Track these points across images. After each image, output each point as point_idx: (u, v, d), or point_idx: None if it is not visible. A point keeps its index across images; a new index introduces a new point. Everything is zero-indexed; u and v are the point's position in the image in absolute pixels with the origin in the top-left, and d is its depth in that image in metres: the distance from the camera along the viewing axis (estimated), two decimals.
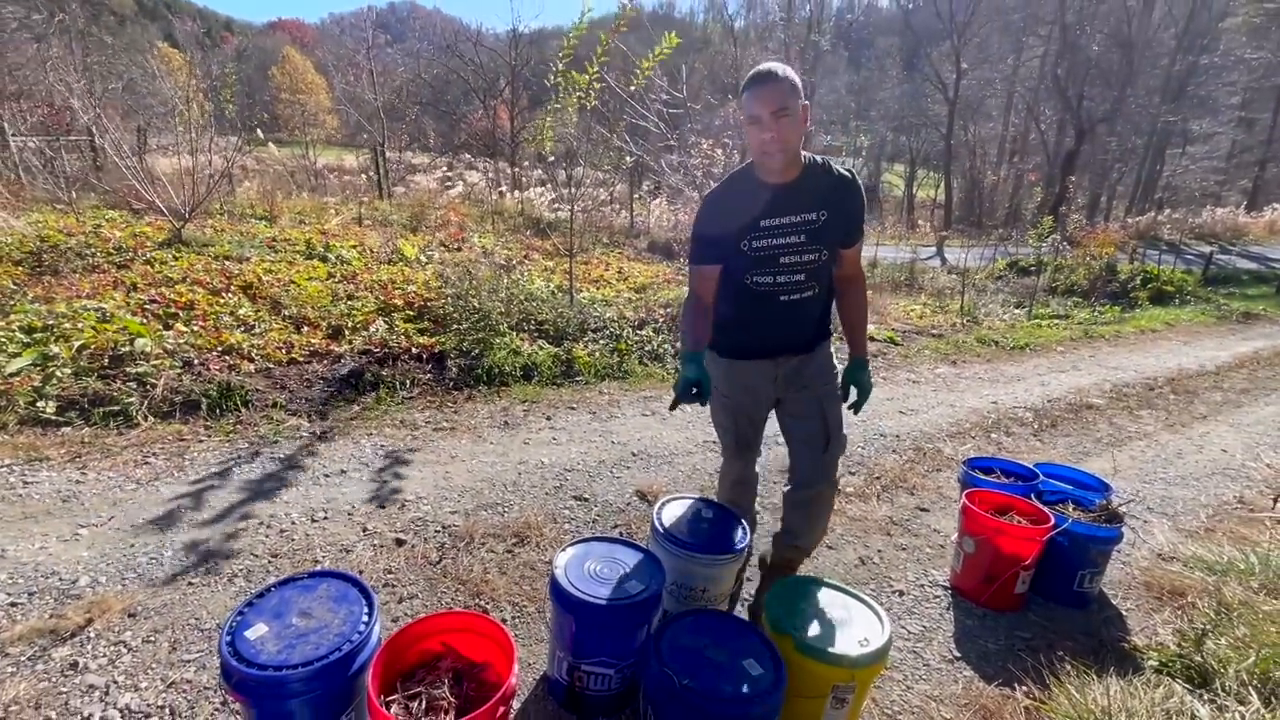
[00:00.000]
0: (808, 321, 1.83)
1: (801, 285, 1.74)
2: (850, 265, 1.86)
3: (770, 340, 1.84)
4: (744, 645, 1.46)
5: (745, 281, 1.75)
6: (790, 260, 1.70)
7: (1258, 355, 6.63)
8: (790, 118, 1.54)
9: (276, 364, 3.98)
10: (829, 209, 1.67)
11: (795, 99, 1.55)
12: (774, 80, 1.54)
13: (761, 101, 1.54)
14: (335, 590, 1.49)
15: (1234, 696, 1.88)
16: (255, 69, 33.95)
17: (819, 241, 1.69)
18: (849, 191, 1.72)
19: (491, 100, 23.04)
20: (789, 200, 1.67)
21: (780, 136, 1.55)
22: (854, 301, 1.92)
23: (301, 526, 2.40)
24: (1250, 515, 3.10)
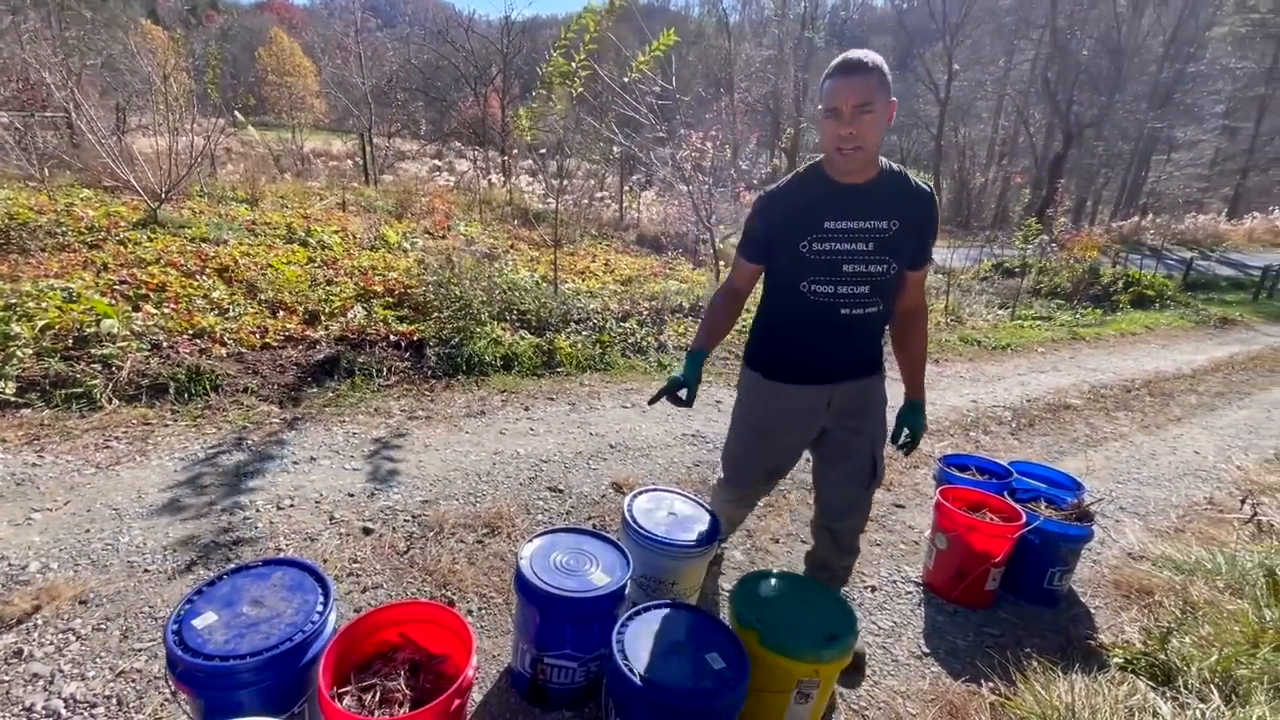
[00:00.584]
0: (869, 342, 1.67)
1: (865, 299, 1.56)
2: (915, 293, 1.70)
3: (827, 360, 1.66)
4: (708, 639, 1.44)
5: (801, 289, 1.56)
6: (854, 270, 1.53)
7: (1233, 360, 6.73)
8: (874, 115, 1.39)
9: (250, 349, 3.90)
10: (901, 220, 1.52)
11: (883, 95, 1.40)
12: (861, 71, 1.38)
13: (844, 93, 1.39)
14: (290, 579, 1.45)
15: (1196, 694, 1.90)
16: (241, 49, 33.27)
17: (887, 253, 1.52)
18: (925, 207, 1.56)
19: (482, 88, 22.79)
20: (860, 203, 1.51)
21: (859, 134, 1.40)
22: (917, 335, 1.75)
23: (266, 514, 2.35)
24: (1219, 516, 3.14)
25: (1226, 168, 24.05)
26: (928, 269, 1.70)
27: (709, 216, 6.62)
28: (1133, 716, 1.80)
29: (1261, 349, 7.41)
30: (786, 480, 3.09)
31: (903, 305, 1.70)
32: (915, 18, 27.00)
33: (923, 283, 1.71)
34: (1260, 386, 5.80)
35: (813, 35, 18.69)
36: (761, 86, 18.90)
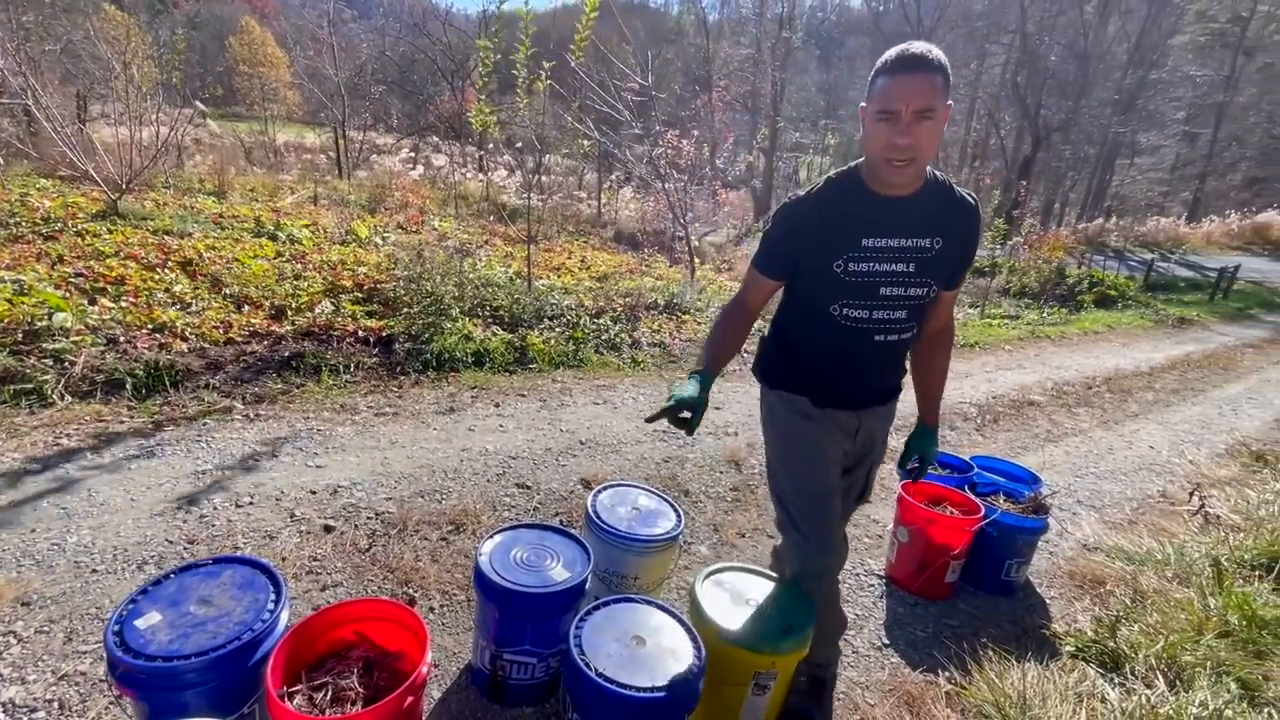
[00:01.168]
0: (897, 368, 1.57)
1: (901, 324, 1.42)
2: (944, 312, 1.56)
3: (855, 388, 1.52)
4: (666, 633, 1.44)
5: (832, 312, 1.40)
6: (892, 293, 1.37)
7: (1188, 358, 6.96)
8: (934, 122, 1.22)
9: (213, 344, 3.81)
10: (945, 238, 1.36)
11: (944, 98, 1.22)
12: (925, 68, 1.19)
13: (903, 94, 1.20)
14: (241, 577, 1.42)
15: (1142, 680, 1.96)
16: (211, 37, 32.38)
17: (929, 274, 1.37)
18: (970, 222, 1.40)
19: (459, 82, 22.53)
20: (903, 219, 1.34)
21: (917, 144, 1.22)
22: (941, 356, 1.63)
23: (224, 512, 2.30)
24: (1171, 509, 3.25)
25: (1186, 173, 24.85)
26: (960, 287, 1.55)
27: (684, 214, 6.63)
28: (1081, 702, 1.86)
29: (1216, 348, 7.67)
30: (754, 474, 3.13)
31: (933, 325, 1.56)
32: (890, 21, 27.38)
33: (954, 301, 1.57)
34: (1214, 384, 6.01)
35: (790, 35, 18.82)
36: (740, 85, 18.98)
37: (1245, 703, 1.88)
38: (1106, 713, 1.82)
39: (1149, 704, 1.84)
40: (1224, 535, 2.86)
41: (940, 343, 1.61)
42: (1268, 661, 2.06)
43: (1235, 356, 7.31)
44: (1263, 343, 8.30)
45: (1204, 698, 1.85)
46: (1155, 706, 1.83)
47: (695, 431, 1.37)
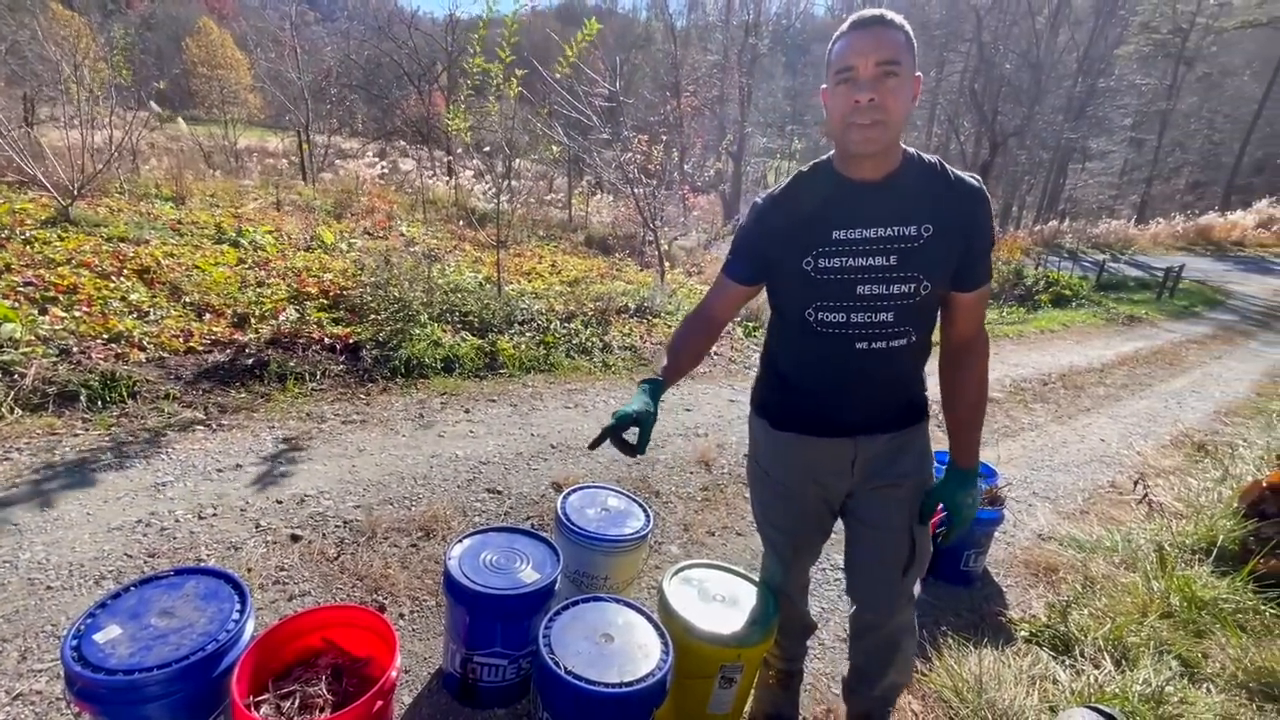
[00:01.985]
0: (898, 383, 1.31)
1: (888, 329, 1.21)
2: (968, 322, 1.29)
3: (843, 408, 1.30)
4: (634, 631, 1.47)
5: (806, 318, 1.24)
6: (871, 291, 1.19)
7: (1137, 354, 7.27)
8: (900, 79, 1.09)
9: (172, 353, 3.72)
10: (936, 225, 1.16)
11: (909, 57, 1.10)
12: (883, 25, 1.10)
13: (861, 49, 1.08)
14: (204, 588, 1.40)
15: (1091, 661, 2.06)
16: (167, 39, 31.49)
17: (916, 268, 1.17)
18: (971, 206, 1.19)
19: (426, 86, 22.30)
20: (877, 205, 1.18)
21: (882, 101, 1.08)
22: (969, 378, 1.32)
23: (186, 524, 2.25)
24: (1119, 498, 3.40)
25: (1134, 177, 26.00)
26: (986, 290, 1.27)
27: (654, 219, 6.69)
28: (1034, 684, 1.94)
29: (1163, 344, 8.03)
30: (724, 474, 3.19)
31: (952, 337, 1.32)
32: None
33: (979, 308, 1.29)
34: (1160, 379, 6.29)
35: (757, 42, 19.12)
36: (708, 91, 19.22)
37: (1185, 679, 1.99)
38: (1057, 693, 1.91)
39: (1096, 683, 1.94)
40: (1167, 522, 3.02)
41: (966, 361, 1.32)
42: (1206, 640, 2.19)
43: (1180, 352, 7.66)
44: (1205, 339, 8.71)
45: (1147, 675, 1.95)
46: (1102, 685, 1.92)
47: (644, 451, 1.22)
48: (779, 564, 1.55)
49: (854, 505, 1.40)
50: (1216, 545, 2.69)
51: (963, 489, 1.33)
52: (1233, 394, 5.90)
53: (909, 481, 1.35)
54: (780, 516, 1.47)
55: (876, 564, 1.39)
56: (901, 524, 1.35)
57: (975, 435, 1.35)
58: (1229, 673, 2.02)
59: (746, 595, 1.63)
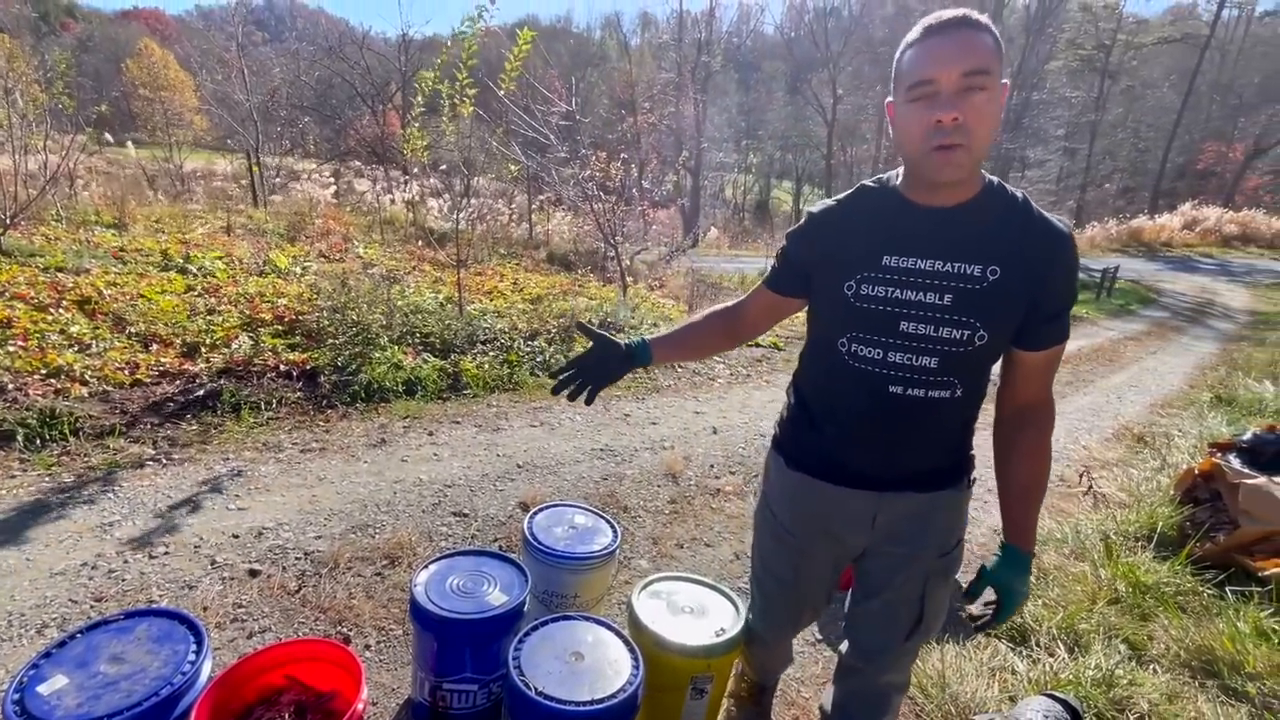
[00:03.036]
0: (934, 439, 1.14)
1: (929, 376, 1.06)
2: (1031, 386, 1.13)
3: (868, 458, 1.15)
4: (604, 647, 1.48)
5: (840, 348, 1.11)
6: (916, 330, 1.04)
7: (1079, 352, 7.62)
8: (989, 93, 0.92)
9: (117, 386, 3.57)
10: (1005, 267, 1.00)
11: (999, 65, 0.94)
12: (969, 27, 0.92)
13: (943, 56, 0.92)
14: (157, 630, 1.36)
15: (1046, 650, 2.14)
16: (105, 60, 30.46)
17: (975, 313, 1.01)
18: (1056, 254, 1.02)
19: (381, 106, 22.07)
20: (941, 234, 1.03)
21: (968, 121, 0.92)
22: (1027, 451, 1.14)
23: (136, 565, 2.16)
24: (1067, 491, 3.55)
25: (1069, 184, 27.45)
26: (1056, 352, 1.10)
27: (614, 234, 6.75)
28: (994, 676, 2.02)
29: (1103, 342, 8.44)
30: (690, 484, 3.22)
31: (1010, 400, 1.15)
32: (802, 46, 28.95)
33: (1046, 373, 1.12)
34: (1101, 375, 6.61)
35: (709, 59, 19.57)
36: (664, 107, 19.55)
37: (1133, 662, 2.09)
38: (1016, 683, 1.99)
39: (1052, 671, 2.02)
40: (1112, 512, 3.17)
41: (1023, 430, 1.14)
42: (1151, 622, 2.30)
43: (1119, 349, 8.07)
44: (1141, 335, 9.19)
45: (1098, 660, 2.04)
46: (1057, 673, 2.01)
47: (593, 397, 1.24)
48: (764, 617, 1.44)
49: (866, 564, 1.26)
50: (1157, 532, 2.85)
51: (1019, 575, 1.14)
52: (1168, 387, 6.23)
53: (927, 549, 1.19)
54: (780, 566, 1.34)
55: (877, 627, 1.27)
56: (913, 593, 1.21)
57: (1033, 514, 1.15)
58: (1172, 653, 2.14)
59: (715, 605, 1.65)
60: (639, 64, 21.49)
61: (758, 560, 1.43)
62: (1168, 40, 27.78)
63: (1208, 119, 30.35)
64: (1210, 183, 29.71)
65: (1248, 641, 2.12)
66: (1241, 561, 2.54)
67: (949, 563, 1.23)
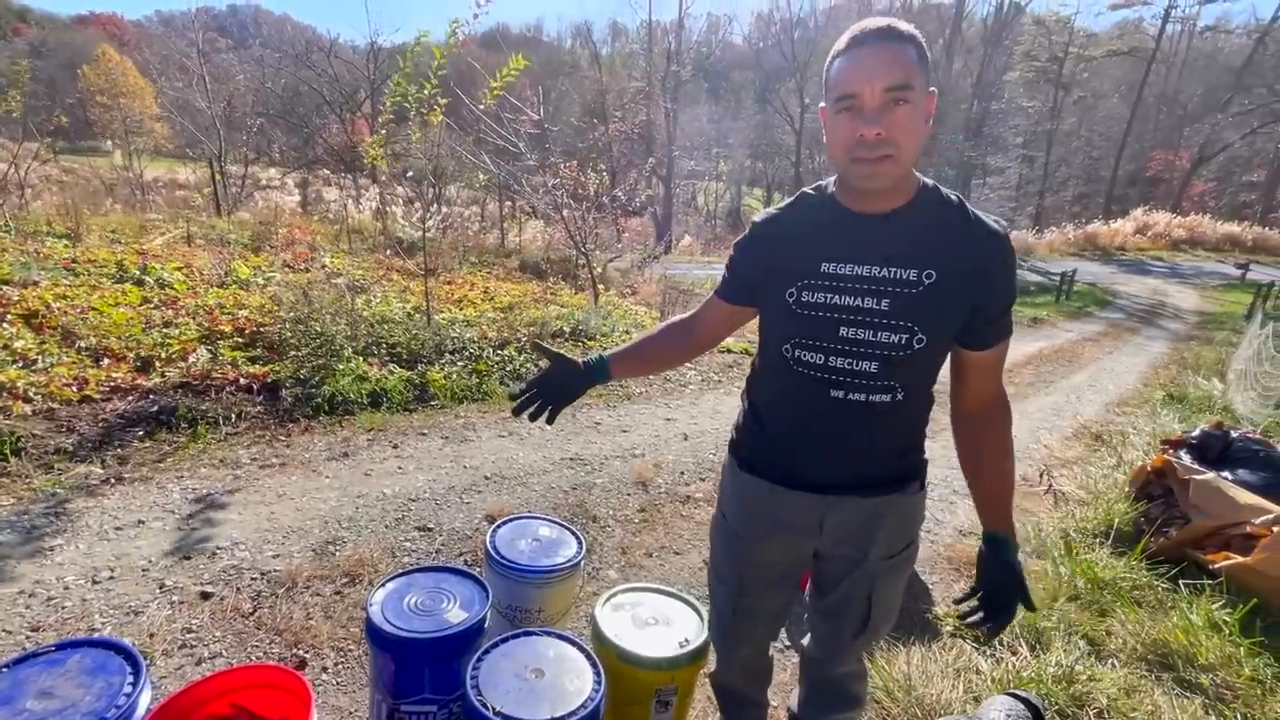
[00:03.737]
0: (879, 444, 1.15)
1: (871, 381, 1.08)
2: (982, 384, 1.15)
3: (814, 463, 1.17)
4: (566, 663, 1.45)
5: (784, 354, 1.13)
6: (855, 335, 1.06)
7: (1041, 354, 7.84)
8: (912, 106, 0.94)
9: (64, 403, 3.43)
10: (940, 271, 1.02)
11: (922, 76, 0.95)
12: (892, 39, 0.94)
13: (866, 70, 0.93)
14: (91, 661, 1.29)
15: (1009, 649, 2.17)
16: (60, 67, 29.52)
17: (912, 317, 1.03)
18: (988, 253, 1.04)
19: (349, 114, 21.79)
20: (876, 240, 1.05)
21: (891, 135, 0.94)
22: (988, 449, 1.17)
23: (78, 591, 2.06)
24: (1029, 490, 3.63)
25: (1028, 190, 28.40)
26: (1000, 350, 1.12)
27: (585, 242, 6.74)
28: (959, 676, 2.04)
29: (1063, 343, 8.69)
30: (660, 491, 3.20)
31: (963, 399, 1.18)
32: (770, 56, 29.43)
33: (993, 370, 1.14)
34: (1062, 375, 6.80)
35: (679, 69, 19.76)
36: (635, 116, 19.66)
37: (1092, 657, 2.14)
38: (980, 683, 2.01)
39: (1014, 669, 2.05)
40: (1071, 510, 3.25)
41: (985, 431, 1.17)
42: (1109, 618, 2.35)
43: (1078, 350, 8.31)
44: (1099, 336, 9.49)
45: (1059, 657, 2.08)
46: (1019, 671, 2.04)
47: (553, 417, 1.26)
48: (717, 624, 1.43)
49: (820, 565, 1.29)
50: (1114, 528, 2.92)
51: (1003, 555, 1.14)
52: (1124, 386, 6.44)
53: (875, 551, 1.20)
54: (726, 567, 1.34)
55: (828, 626, 1.34)
56: (860, 593, 1.23)
57: (1008, 502, 1.17)
58: (1130, 647, 2.18)
59: (680, 616, 1.64)
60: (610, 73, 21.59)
61: (711, 569, 1.45)
62: (1116, 53, 28.96)
63: (1155, 128, 31.68)
64: (1159, 189, 30.97)
65: (1200, 634, 2.18)
66: (1193, 555, 2.61)
67: (897, 564, 1.24)
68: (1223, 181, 31.09)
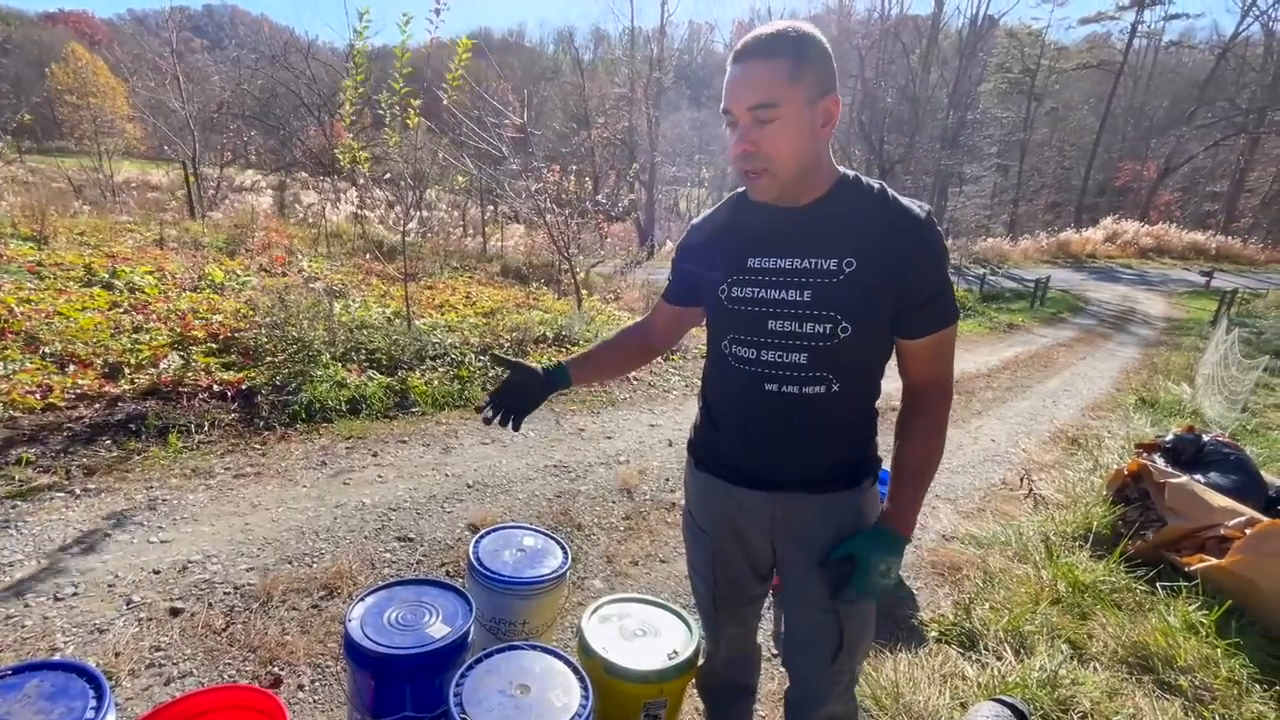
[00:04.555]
0: (819, 437, 1.13)
1: (801, 372, 1.08)
2: (919, 369, 1.13)
3: (756, 457, 1.17)
4: (552, 677, 1.42)
5: (723, 350, 1.17)
6: (783, 328, 1.07)
7: (1018, 359, 7.97)
8: (781, 121, 0.96)
9: (26, 411, 3.31)
10: (863, 259, 1.02)
11: (797, 87, 0.95)
12: (758, 58, 0.95)
13: (735, 90, 0.98)
14: (50, 685, 1.22)
15: (994, 654, 2.18)
16: (27, 65, 28.77)
17: (832, 306, 1.03)
18: (912, 239, 1.02)
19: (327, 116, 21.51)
20: (793, 234, 1.07)
21: (759, 150, 0.98)
22: (914, 428, 1.14)
23: (39, 609, 1.98)
24: (1010, 494, 3.67)
25: (1003, 198, 29.03)
26: (940, 338, 1.09)
27: (567, 246, 6.71)
28: (945, 682, 2.04)
29: (1038, 348, 8.85)
30: (645, 499, 3.18)
31: (905, 384, 1.18)
32: None
33: (931, 358, 1.12)
34: (1037, 380, 6.92)
35: (661, 75, 19.86)
36: (618, 122, 19.69)
37: (1075, 660, 2.15)
38: (966, 689, 2.01)
39: (1000, 674, 2.06)
40: (1051, 513, 3.29)
41: (913, 408, 1.15)
42: (1090, 621, 2.38)
43: (1053, 355, 8.47)
44: (1072, 341, 9.69)
45: (1043, 661, 2.09)
46: (1005, 676, 2.04)
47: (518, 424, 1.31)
48: (701, 615, 1.50)
49: (782, 574, 1.27)
50: (1092, 531, 2.96)
51: (878, 550, 1.10)
52: (1097, 390, 6.57)
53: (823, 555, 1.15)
54: (700, 562, 1.37)
55: (801, 644, 1.26)
56: (825, 603, 1.16)
57: (914, 495, 1.13)
58: (1111, 650, 2.21)
59: (668, 626, 1.61)
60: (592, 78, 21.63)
61: (688, 559, 1.45)
62: (1086, 66, 29.79)
63: (1123, 139, 32.60)
64: (1128, 198, 31.86)
65: (1179, 636, 2.21)
66: (1169, 558, 2.66)
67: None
68: (1188, 191, 32.06)
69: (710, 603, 1.40)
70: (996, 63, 27.57)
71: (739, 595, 1.36)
